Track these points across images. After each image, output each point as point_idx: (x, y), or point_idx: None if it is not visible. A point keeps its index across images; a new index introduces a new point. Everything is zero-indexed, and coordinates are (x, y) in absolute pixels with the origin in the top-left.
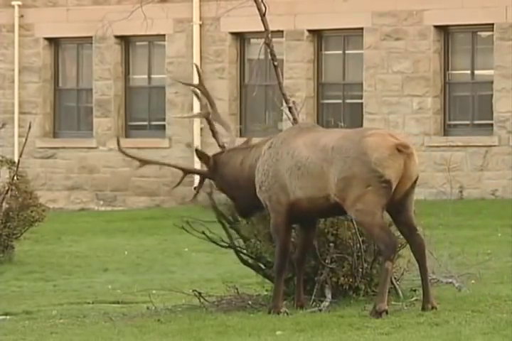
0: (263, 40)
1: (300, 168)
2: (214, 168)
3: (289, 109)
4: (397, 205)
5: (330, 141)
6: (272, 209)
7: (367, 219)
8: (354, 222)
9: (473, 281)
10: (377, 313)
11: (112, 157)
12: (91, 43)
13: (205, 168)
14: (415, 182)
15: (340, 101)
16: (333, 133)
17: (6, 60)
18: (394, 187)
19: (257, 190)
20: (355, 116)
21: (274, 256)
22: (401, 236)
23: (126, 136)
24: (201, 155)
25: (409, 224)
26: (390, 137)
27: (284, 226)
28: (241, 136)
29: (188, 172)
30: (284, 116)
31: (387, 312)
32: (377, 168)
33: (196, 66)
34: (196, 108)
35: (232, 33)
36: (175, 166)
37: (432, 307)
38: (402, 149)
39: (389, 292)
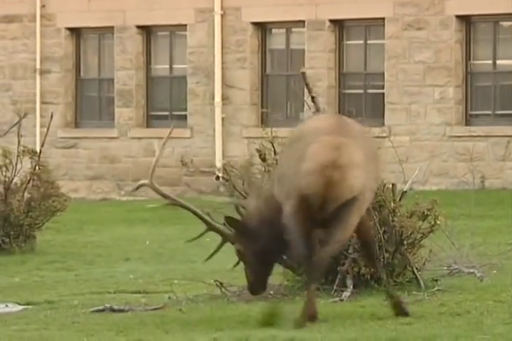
0: (284, 30)
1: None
2: (243, 230)
3: (312, 98)
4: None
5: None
6: (282, 201)
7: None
8: (376, 212)
9: (494, 271)
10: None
11: (134, 147)
12: (112, 33)
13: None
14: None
15: (361, 91)
16: (320, 120)
17: (28, 50)
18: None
19: (275, 186)
20: (376, 106)
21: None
22: None
23: (148, 126)
24: (230, 222)
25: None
26: (332, 151)
27: (296, 221)
28: (262, 123)
29: (211, 229)
30: (306, 107)
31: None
32: (301, 179)
33: None
34: (218, 97)
35: (254, 23)
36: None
37: None
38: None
39: (410, 282)
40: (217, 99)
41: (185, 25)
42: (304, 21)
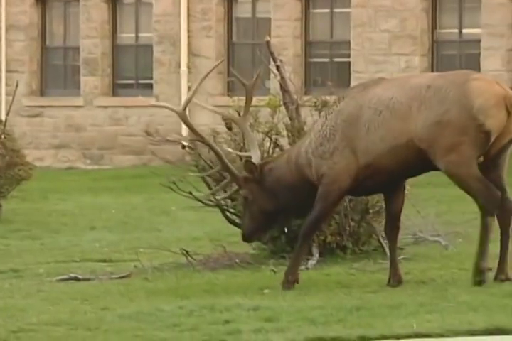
0: None
1: (382, 112)
2: (260, 176)
3: (277, 67)
4: (489, 162)
5: (424, 80)
6: (332, 175)
7: (462, 171)
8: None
9: (460, 240)
10: (480, 278)
11: (99, 115)
12: (78, 1)
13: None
14: None
15: (327, 59)
16: (424, 74)
17: None
18: (492, 140)
19: (313, 159)
20: (342, 75)
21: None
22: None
23: (113, 95)
24: (248, 165)
25: (498, 184)
26: (497, 85)
27: (337, 195)
28: (228, 92)
29: (225, 167)
30: (272, 75)
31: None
32: (478, 116)
33: None
34: (183, 66)
35: None
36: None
37: (506, 279)
38: (508, 101)
39: (375, 250)
40: (183, 67)
41: None
42: None
